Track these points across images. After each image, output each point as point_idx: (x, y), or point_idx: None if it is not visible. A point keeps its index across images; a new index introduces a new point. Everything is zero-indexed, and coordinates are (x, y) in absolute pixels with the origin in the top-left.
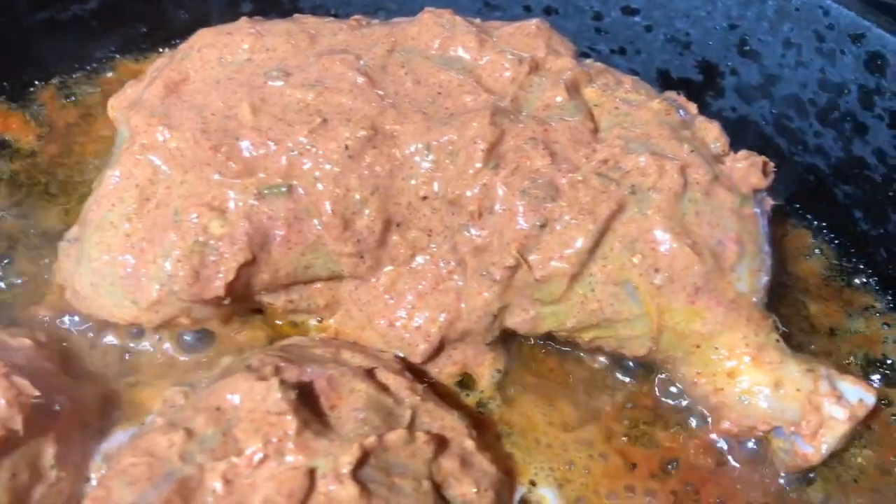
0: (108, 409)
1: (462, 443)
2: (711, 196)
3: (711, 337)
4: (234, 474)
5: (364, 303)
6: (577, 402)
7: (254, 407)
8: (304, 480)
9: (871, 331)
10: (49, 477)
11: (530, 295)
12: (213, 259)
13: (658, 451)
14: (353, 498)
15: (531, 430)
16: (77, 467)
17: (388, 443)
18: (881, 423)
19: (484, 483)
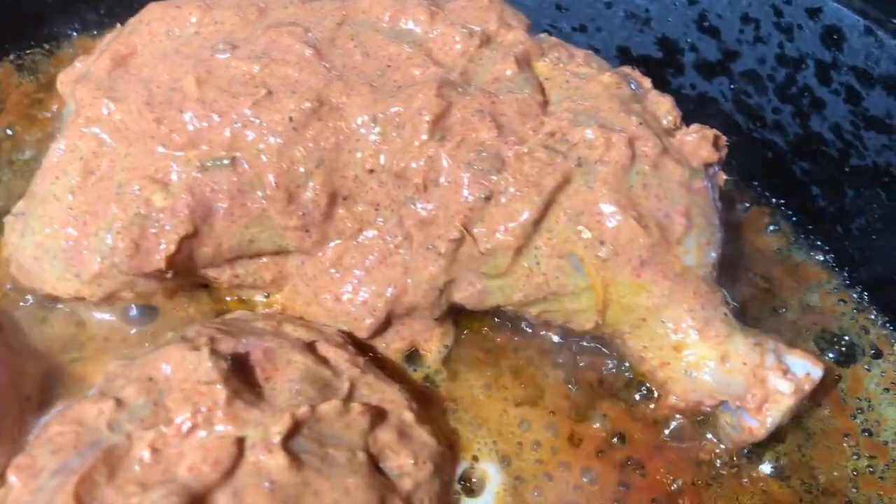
0: (50, 383)
1: (401, 415)
2: (660, 169)
3: (657, 310)
4: (163, 443)
5: (310, 277)
6: (524, 378)
7: (185, 377)
8: (232, 449)
9: (826, 307)
10: None
11: (476, 268)
12: (153, 231)
13: (604, 427)
14: (283, 468)
15: (476, 406)
16: (14, 441)
17: (322, 413)
18: (833, 401)
19: (422, 455)
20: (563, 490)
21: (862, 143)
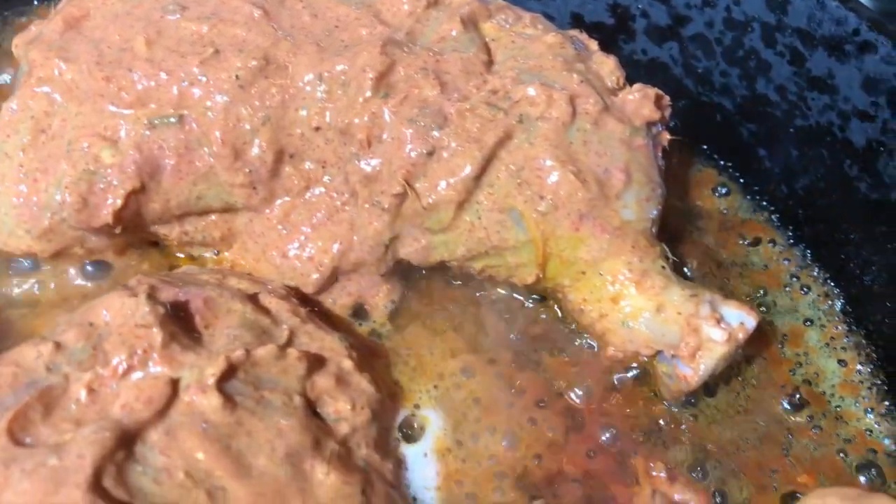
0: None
1: (340, 363)
2: (600, 126)
3: (596, 263)
4: (99, 384)
5: (258, 234)
6: (468, 332)
7: (123, 321)
8: (166, 389)
9: (769, 265)
10: None
11: (420, 224)
12: (101, 187)
13: (546, 378)
14: (217, 408)
15: (420, 358)
16: None
17: (258, 357)
18: (772, 355)
19: (360, 401)
20: (501, 437)
21: (805, 103)
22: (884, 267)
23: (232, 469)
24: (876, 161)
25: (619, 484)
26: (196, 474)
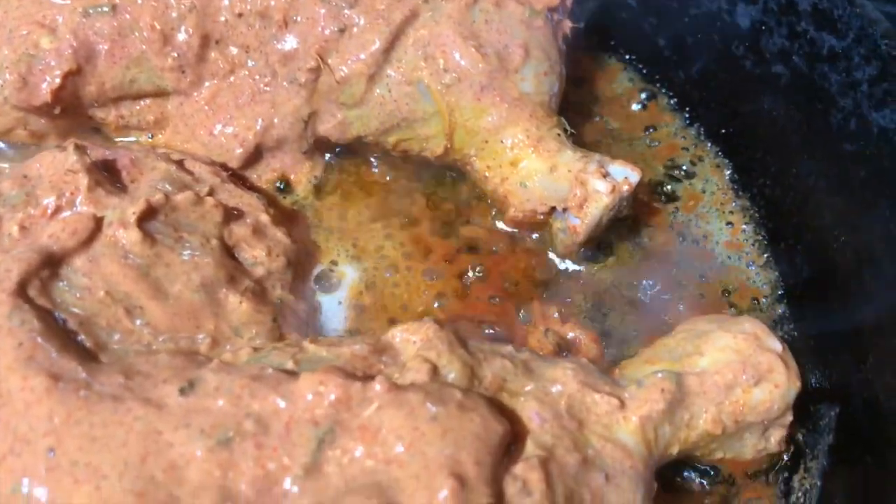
0: None
1: (258, 217)
2: (502, 7)
3: (497, 131)
4: (30, 223)
5: (188, 116)
6: (386, 203)
7: (54, 171)
8: (90, 223)
9: (667, 143)
10: None
11: (335, 99)
12: (40, 68)
13: (455, 241)
14: (137, 242)
15: (339, 223)
16: None
17: (177, 202)
18: (664, 219)
19: (276, 250)
20: (411, 288)
21: None
22: (769, 136)
23: (149, 292)
24: (759, 40)
25: (515, 324)
26: (116, 294)
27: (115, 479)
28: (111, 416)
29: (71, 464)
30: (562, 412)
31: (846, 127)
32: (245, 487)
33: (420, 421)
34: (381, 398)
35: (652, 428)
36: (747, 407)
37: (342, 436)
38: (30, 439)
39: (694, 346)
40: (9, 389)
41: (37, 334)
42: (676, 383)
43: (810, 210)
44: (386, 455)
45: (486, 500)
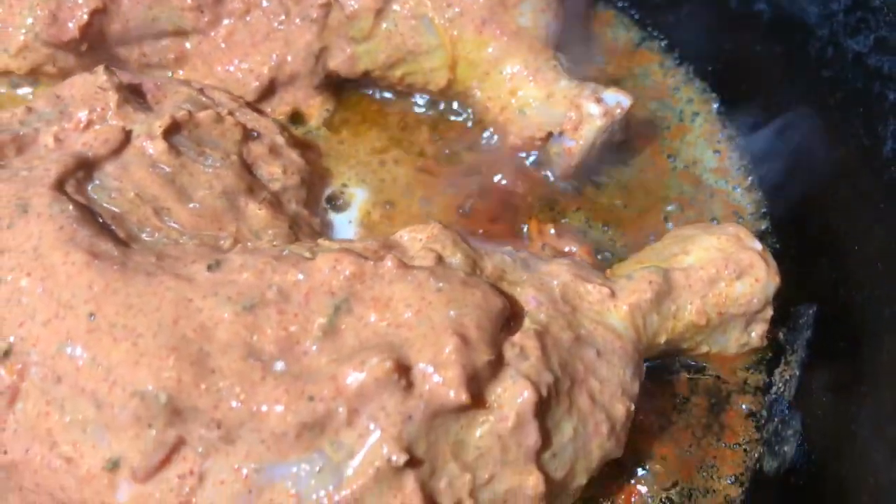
0: None
1: (273, 138)
2: None
3: (497, 63)
4: (64, 135)
5: (206, 54)
6: (393, 133)
7: (85, 90)
8: (120, 135)
9: (658, 82)
10: None
11: (345, 34)
12: (69, 6)
13: (457, 167)
14: (162, 152)
15: (349, 151)
16: None
17: (199, 119)
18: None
19: (291, 168)
20: (418, 208)
21: None
22: (752, 69)
23: (175, 196)
24: None
25: (514, 239)
26: (144, 196)
27: (150, 337)
28: (145, 288)
29: (110, 326)
30: (557, 298)
31: (824, 55)
32: (269, 346)
33: (427, 292)
34: (392, 274)
35: (640, 316)
36: (730, 299)
37: (356, 305)
38: (72, 305)
39: (680, 248)
40: (52, 263)
41: (74, 221)
42: (663, 277)
43: (791, 134)
44: (396, 320)
45: (486, 358)
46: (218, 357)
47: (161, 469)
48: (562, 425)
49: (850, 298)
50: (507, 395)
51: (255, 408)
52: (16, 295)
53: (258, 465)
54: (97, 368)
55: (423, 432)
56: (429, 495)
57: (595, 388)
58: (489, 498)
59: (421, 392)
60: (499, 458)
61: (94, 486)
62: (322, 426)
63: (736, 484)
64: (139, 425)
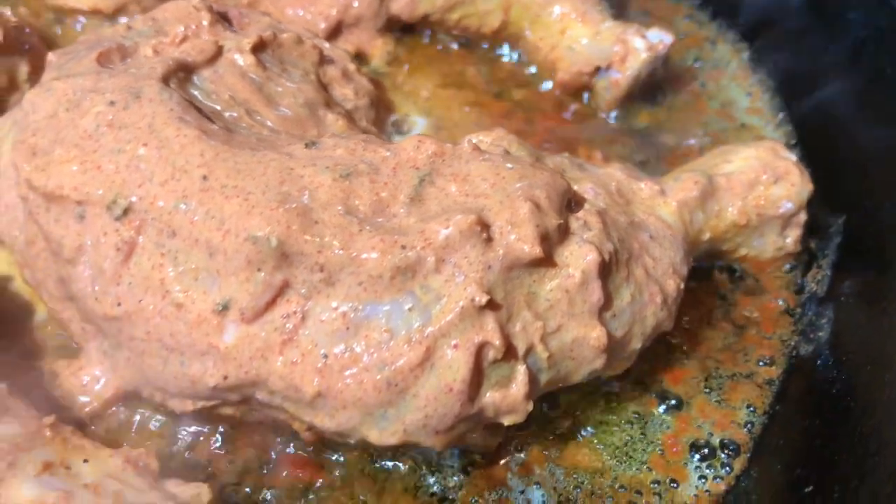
0: None
1: (345, 64)
2: None
3: (547, 4)
4: (161, 48)
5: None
6: (449, 73)
7: (179, 12)
8: (213, 47)
9: (692, 33)
10: (23, 88)
11: None
12: None
13: (509, 103)
14: (251, 64)
15: (409, 88)
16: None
17: (282, 40)
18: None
19: (361, 91)
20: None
21: None
22: (780, 18)
23: (264, 101)
24: None
25: None
26: (237, 99)
27: (259, 193)
28: (250, 158)
29: (221, 186)
30: (612, 191)
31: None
32: (363, 207)
33: (500, 169)
34: (468, 154)
35: (688, 212)
36: (768, 201)
37: (438, 178)
38: (186, 169)
39: (721, 158)
40: (166, 136)
41: (181, 105)
42: (708, 179)
43: (819, 73)
44: (474, 191)
45: (555, 222)
46: (320, 212)
47: (267, 310)
48: (621, 290)
49: (876, 209)
50: (574, 257)
51: (354, 254)
52: (134, 161)
53: (356, 304)
54: (211, 220)
55: (501, 281)
56: (506, 336)
57: (649, 264)
58: (557, 345)
59: (499, 246)
60: (566, 311)
61: (204, 329)
62: (413, 271)
63: (774, 367)
64: (250, 269)
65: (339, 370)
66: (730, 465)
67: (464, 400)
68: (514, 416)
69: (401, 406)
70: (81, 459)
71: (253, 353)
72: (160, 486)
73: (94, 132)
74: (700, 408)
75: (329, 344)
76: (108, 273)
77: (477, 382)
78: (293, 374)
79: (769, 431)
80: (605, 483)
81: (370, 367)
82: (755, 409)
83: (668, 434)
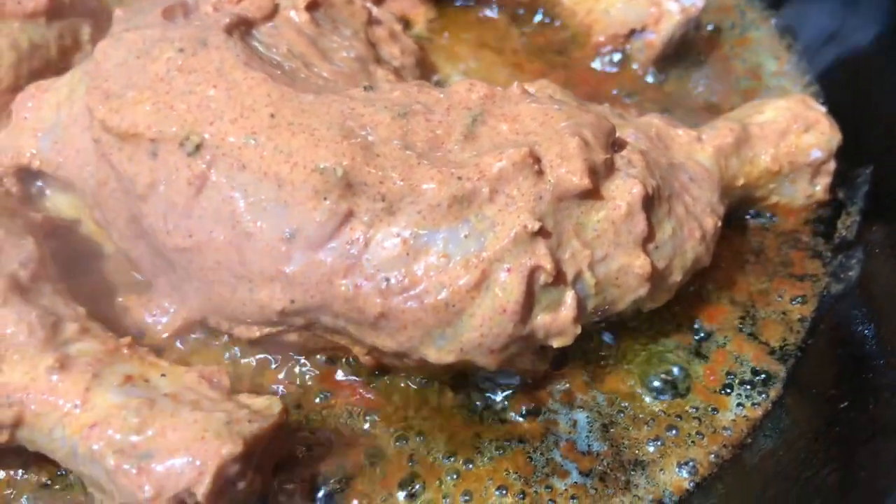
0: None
1: (392, 25)
2: None
3: None
4: (220, 5)
5: None
6: (489, 38)
7: None
8: (270, 4)
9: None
10: (85, 49)
11: None
12: None
13: (546, 64)
14: (306, 21)
15: (451, 53)
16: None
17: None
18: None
19: (407, 51)
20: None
21: None
22: None
23: (319, 55)
24: None
25: None
26: (294, 52)
27: (324, 129)
28: (314, 99)
29: (288, 123)
30: (652, 136)
31: None
32: (420, 143)
33: (549, 110)
34: (517, 96)
35: (723, 157)
36: (799, 149)
37: (489, 118)
38: (255, 108)
39: (754, 110)
40: (234, 79)
41: (246, 52)
42: (742, 127)
43: (845, 37)
44: (524, 129)
45: (603, 157)
46: (381, 146)
47: (332, 237)
48: (663, 224)
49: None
50: (620, 190)
51: (414, 185)
52: (205, 102)
53: (415, 232)
54: (279, 154)
55: (551, 211)
56: (556, 261)
57: (689, 202)
58: (604, 273)
59: (550, 178)
60: (612, 241)
61: (272, 256)
62: (468, 201)
63: (806, 305)
64: (316, 198)
65: (400, 292)
66: (766, 392)
67: (517, 321)
68: (562, 339)
69: (458, 326)
70: (159, 374)
71: (318, 277)
72: (233, 398)
73: (165, 76)
74: (736, 343)
75: (390, 268)
76: (180, 206)
77: (529, 305)
78: (357, 297)
79: (802, 363)
80: (646, 408)
81: (430, 290)
82: (788, 344)
83: (706, 366)
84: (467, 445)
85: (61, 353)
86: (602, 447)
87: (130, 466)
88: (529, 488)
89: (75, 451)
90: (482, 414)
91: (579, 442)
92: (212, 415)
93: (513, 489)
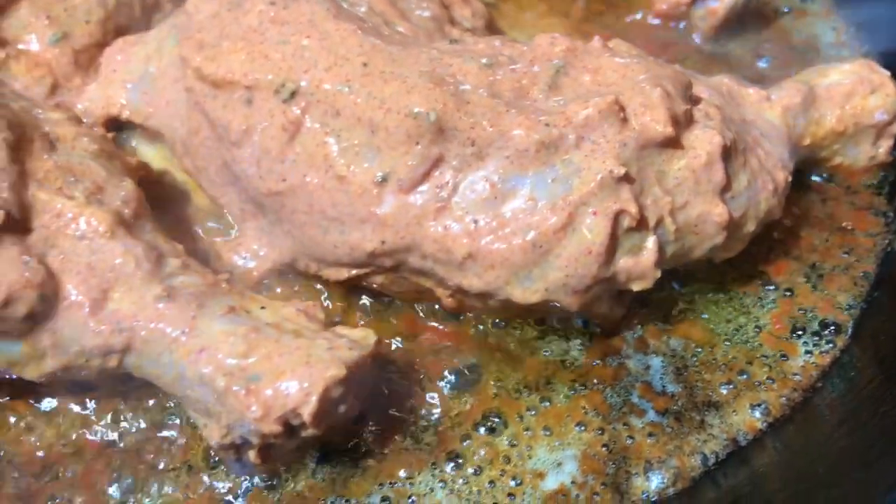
0: None
1: None
2: None
3: None
4: None
5: None
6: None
7: None
8: None
9: None
10: (165, 8)
11: None
12: None
13: (608, 31)
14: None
15: (515, 21)
16: None
17: None
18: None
19: (478, 14)
20: None
21: None
22: None
23: (398, 14)
24: None
25: None
26: (375, 10)
27: (415, 77)
28: (402, 50)
29: (380, 71)
30: (724, 93)
31: None
32: (506, 92)
33: (630, 63)
34: (598, 50)
35: (791, 116)
36: (864, 110)
37: (571, 70)
38: (348, 57)
39: (819, 73)
40: (326, 30)
41: (335, 6)
42: (809, 88)
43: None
44: (606, 81)
45: (684, 108)
46: (470, 94)
47: (423, 181)
48: (739, 175)
49: None
50: (700, 140)
51: (503, 130)
52: (299, 51)
53: (503, 176)
54: (373, 100)
55: (635, 158)
56: (640, 206)
57: (762, 156)
58: (684, 220)
59: (634, 126)
60: (692, 189)
61: (364, 199)
62: (556, 147)
63: (870, 261)
64: (408, 143)
65: (488, 233)
66: (833, 341)
67: (601, 262)
68: (643, 282)
69: (544, 266)
70: (258, 307)
71: (409, 219)
72: (330, 329)
73: (259, 27)
74: (803, 294)
75: (479, 211)
76: (274, 152)
77: (612, 248)
78: (446, 238)
79: (868, 314)
80: (718, 353)
81: (517, 231)
82: (854, 297)
83: (775, 313)
84: (543, 386)
85: (166, 284)
86: (676, 389)
87: (240, 388)
88: (608, 425)
89: (183, 374)
90: (558, 358)
91: (654, 384)
92: (314, 342)
93: (591, 425)
